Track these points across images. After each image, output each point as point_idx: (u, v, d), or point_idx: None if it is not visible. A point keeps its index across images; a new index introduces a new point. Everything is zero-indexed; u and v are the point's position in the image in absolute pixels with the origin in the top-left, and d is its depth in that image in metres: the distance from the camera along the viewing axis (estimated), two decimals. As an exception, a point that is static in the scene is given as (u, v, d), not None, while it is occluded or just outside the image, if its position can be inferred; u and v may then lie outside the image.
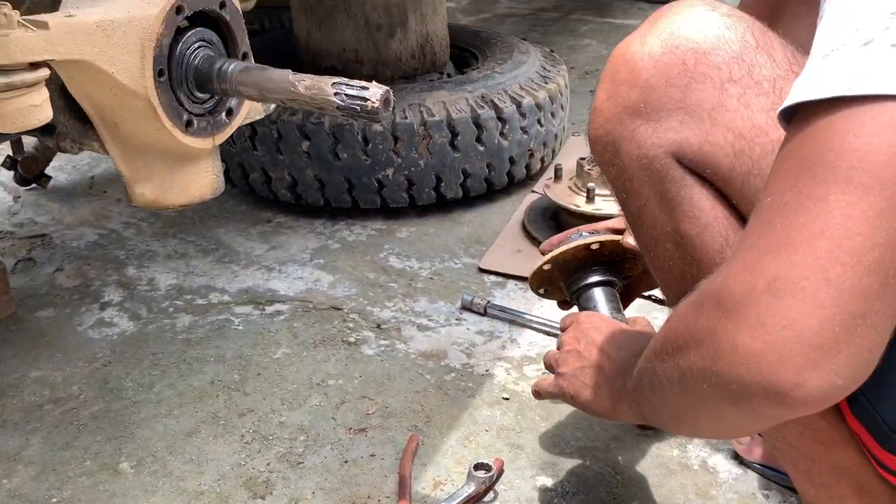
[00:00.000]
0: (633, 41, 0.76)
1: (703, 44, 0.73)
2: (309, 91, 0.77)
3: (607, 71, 0.78)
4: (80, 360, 1.39)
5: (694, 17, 0.74)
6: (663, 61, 0.73)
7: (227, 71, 0.82)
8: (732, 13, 0.75)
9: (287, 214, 1.88)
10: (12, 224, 1.86)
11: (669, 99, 0.73)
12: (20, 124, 0.69)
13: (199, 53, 0.82)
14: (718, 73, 0.72)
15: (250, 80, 0.81)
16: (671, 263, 0.77)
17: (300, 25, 1.99)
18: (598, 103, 0.79)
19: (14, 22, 0.67)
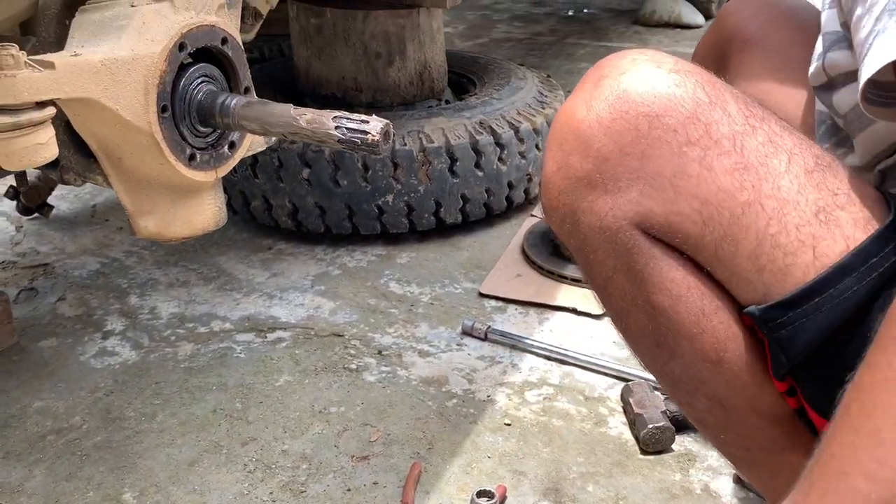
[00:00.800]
0: (577, 106, 0.71)
1: (654, 106, 0.68)
2: (310, 125, 0.79)
3: (553, 138, 0.74)
4: (82, 389, 1.39)
5: (640, 75, 0.70)
6: (614, 128, 0.69)
7: (230, 106, 0.83)
8: (679, 67, 0.71)
9: (288, 241, 1.89)
10: (15, 254, 1.87)
11: (626, 168, 0.69)
12: (27, 162, 0.70)
13: (202, 89, 0.84)
14: (675, 136, 0.68)
15: (252, 115, 0.82)
16: (645, 333, 0.75)
17: (300, 54, 2.01)
18: (548, 174, 0.74)
19: (21, 62, 0.68)
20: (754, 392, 0.73)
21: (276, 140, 1.03)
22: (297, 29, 1.99)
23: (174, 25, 0.80)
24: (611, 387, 1.37)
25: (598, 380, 1.39)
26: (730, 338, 0.71)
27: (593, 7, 4.63)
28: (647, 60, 0.71)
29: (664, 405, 1.25)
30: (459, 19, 4.27)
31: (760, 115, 0.70)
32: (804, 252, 0.67)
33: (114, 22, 0.79)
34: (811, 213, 0.67)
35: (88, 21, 0.80)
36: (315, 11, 1.92)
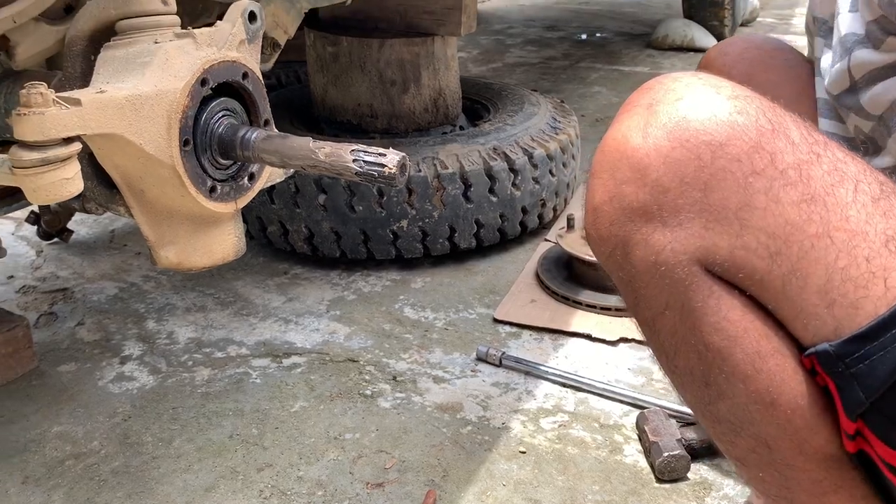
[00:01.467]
0: (631, 132, 0.68)
1: (716, 134, 0.65)
2: (329, 158, 0.80)
3: (604, 166, 0.70)
4: (100, 414, 1.40)
5: (699, 100, 0.67)
6: (674, 157, 0.66)
7: (250, 139, 0.84)
8: (738, 93, 0.68)
9: (304, 266, 1.91)
10: (35, 278, 1.90)
11: (688, 201, 0.65)
12: (54, 197, 0.71)
13: (223, 122, 0.85)
14: (739, 166, 0.65)
15: (272, 148, 0.84)
16: (693, 372, 0.72)
17: (316, 82, 2.04)
18: (597, 203, 0.71)
19: (49, 100, 0.70)
20: (805, 435, 0.70)
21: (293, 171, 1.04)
22: (313, 57, 2.02)
23: (196, 61, 0.82)
24: (626, 414, 1.36)
25: (613, 407, 1.38)
26: (786, 380, 0.69)
27: (606, 31, 4.66)
28: (703, 85, 0.68)
29: (679, 433, 1.25)
30: (473, 44, 4.31)
31: (823, 142, 0.68)
32: (875, 284, 0.64)
33: (138, 58, 0.81)
34: (881, 242, 0.64)
35: (113, 57, 0.82)
36: (331, 40, 1.95)
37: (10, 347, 1.48)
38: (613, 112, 0.79)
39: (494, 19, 5.03)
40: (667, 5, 5.19)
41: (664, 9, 5.14)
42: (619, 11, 5.26)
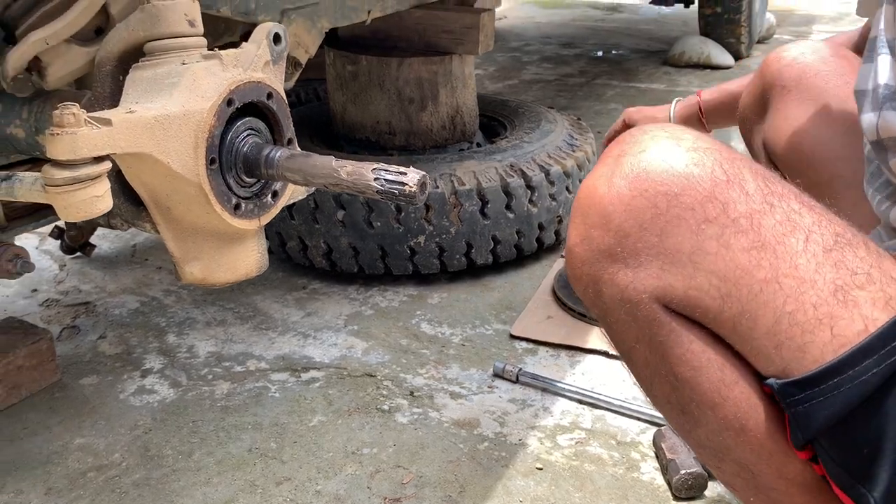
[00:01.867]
0: (599, 181, 0.75)
1: (672, 185, 0.71)
2: (350, 177, 0.81)
3: (577, 210, 0.77)
4: (122, 427, 1.42)
5: (659, 153, 0.73)
6: (634, 205, 0.72)
7: (274, 158, 0.86)
8: (698, 145, 0.73)
9: (322, 281, 1.93)
10: (58, 292, 1.93)
11: (646, 244, 0.71)
12: (84, 214, 0.73)
13: (248, 141, 0.87)
14: (693, 214, 0.70)
15: (295, 167, 0.85)
16: (669, 400, 0.76)
17: (335, 99, 2.07)
18: (571, 244, 0.78)
19: (81, 120, 0.72)
20: (780, 459, 0.73)
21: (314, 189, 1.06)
22: (333, 75, 2.05)
23: (223, 82, 0.84)
24: (643, 431, 1.37)
25: (630, 424, 1.38)
26: (751, 407, 0.72)
27: (622, 48, 4.68)
28: (666, 137, 0.74)
29: (697, 451, 1.25)
30: (490, 61, 4.34)
31: (780, 193, 0.72)
32: (822, 331, 0.67)
33: (166, 79, 0.83)
34: (829, 291, 0.68)
35: (142, 78, 0.85)
36: (351, 59, 1.98)
37: (35, 360, 1.51)
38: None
39: (511, 36, 5.06)
40: (683, 22, 5.20)
41: (680, 26, 5.16)
42: (636, 29, 5.28)
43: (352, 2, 1.60)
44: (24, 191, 0.77)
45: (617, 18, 5.65)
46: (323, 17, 1.53)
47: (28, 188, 0.76)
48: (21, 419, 1.44)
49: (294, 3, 1.45)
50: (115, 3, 0.92)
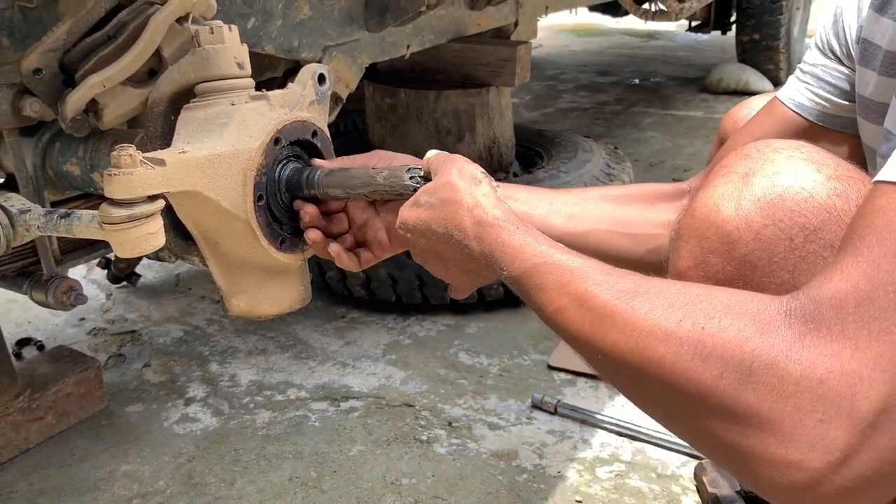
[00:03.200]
0: (723, 202, 0.66)
1: (812, 218, 0.62)
2: (387, 180, 0.84)
3: (692, 231, 0.68)
4: (166, 454, 1.45)
5: (797, 178, 0.64)
6: (765, 234, 0.64)
7: (314, 177, 0.88)
8: (841, 174, 0.65)
9: (361, 310, 1.95)
10: (105, 320, 1.98)
11: (774, 281, 0.63)
12: (139, 250, 0.76)
13: (289, 166, 0.90)
14: (832, 253, 0.61)
15: (335, 181, 0.87)
16: None
17: (374, 131, 2.11)
18: (682, 268, 0.69)
19: (137, 161, 0.75)
20: None
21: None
22: (372, 108, 2.09)
23: (270, 122, 0.87)
24: (683, 464, 1.35)
25: (670, 457, 1.37)
26: None
27: (659, 75, 4.68)
28: (804, 160, 0.66)
29: (738, 484, 1.23)
30: (526, 90, 4.37)
31: None
32: None
33: (216, 119, 0.86)
34: None
35: (193, 118, 0.88)
36: (390, 92, 2.02)
37: (83, 388, 1.55)
38: (667, 157, 0.80)
39: (547, 65, 5.09)
40: (721, 49, 5.19)
41: (718, 52, 5.14)
42: (673, 56, 5.28)
43: (391, 37, 1.63)
44: (82, 228, 0.80)
45: (653, 45, 5.66)
46: (363, 53, 1.57)
47: (86, 225, 0.80)
48: (69, 446, 1.48)
49: (335, 41, 1.49)
50: (167, 46, 0.95)
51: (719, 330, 0.53)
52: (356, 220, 0.93)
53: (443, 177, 0.78)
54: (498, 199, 0.76)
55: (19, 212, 0.86)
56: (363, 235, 0.93)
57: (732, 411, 0.52)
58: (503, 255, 0.71)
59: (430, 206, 0.78)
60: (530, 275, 0.68)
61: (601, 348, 0.60)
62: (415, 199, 0.80)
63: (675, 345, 0.55)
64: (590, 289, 0.62)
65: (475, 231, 0.74)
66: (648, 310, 0.58)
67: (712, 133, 3.32)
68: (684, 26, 4.78)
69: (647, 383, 0.57)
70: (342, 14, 1.48)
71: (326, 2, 1.44)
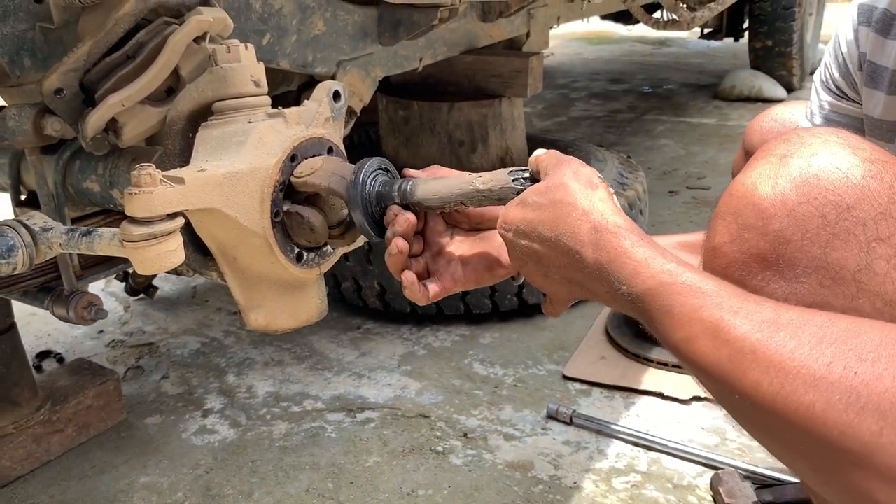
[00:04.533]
0: (760, 180, 0.68)
1: (845, 196, 0.65)
2: (487, 185, 0.79)
3: (729, 208, 0.70)
4: (184, 466, 1.46)
5: (834, 159, 0.66)
6: (799, 211, 0.65)
7: (407, 189, 0.85)
8: (876, 157, 0.67)
9: (375, 321, 1.96)
10: (123, 333, 2.00)
11: (807, 255, 0.65)
12: (159, 267, 0.78)
13: (379, 179, 0.87)
14: (864, 230, 0.64)
15: (430, 191, 0.83)
16: None
17: (388, 143, 2.12)
18: (718, 243, 0.70)
19: (157, 180, 0.77)
20: None
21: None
22: (385, 120, 2.10)
23: (287, 139, 0.88)
24: (700, 475, 1.35)
25: (686, 467, 1.37)
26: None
27: (671, 83, 4.67)
28: (841, 143, 0.68)
29: (755, 495, 1.23)
30: (538, 99, 4.38)
31: None
32: None
33: (234, 137, 0.88)
34: None
35: (210, 136, 0.89)
36: (403, 104, 2.03)
37: (102, 400, 1.56)
38: (681, 165, 0.82)
39: (559, 73, 5.10)
40: (733, 55, 5.18)
41: (730, 59, 5.13)
42: (685, 63, 5.27)
43: (404, 51, 1.65)
44: (102, 245, 0.82)
45: (665, 53, 5.65)
46: (377, 67, 1.59)
47: (107, 243, 0.81)
48: (89, 458, 1.49)
49: (349, 55, 1.50)
50: (185, 65, 0.97)
51: (874, 377, 0.51)
52: (431, 246, 0.87)
53: (555, 178, 0.73)
54: (616, 206, 0.70)
55: (42, 230, 0.88)
56: (435, 264, 0.86)
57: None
58: (623, 268, 0.65)
59: (539, 206, 0.72)
60: (656, 294, 0.63)
61: (739, 388, 0.56)
62: (522, 198, 0.75)
63: (825, 391, 0.51)
64: (726, 318, 0.58)
65: (591, 237, 0.68)
66: (794, 347, 0.54)
67: (726, 140, 3.31)
68: (696, 33, 4.78)
69: (792, 433, 0.54)
70: (356, 29, 1.50)
71: (340, 17, 1.45)
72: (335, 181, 0.86)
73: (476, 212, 0.86)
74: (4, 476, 1.42)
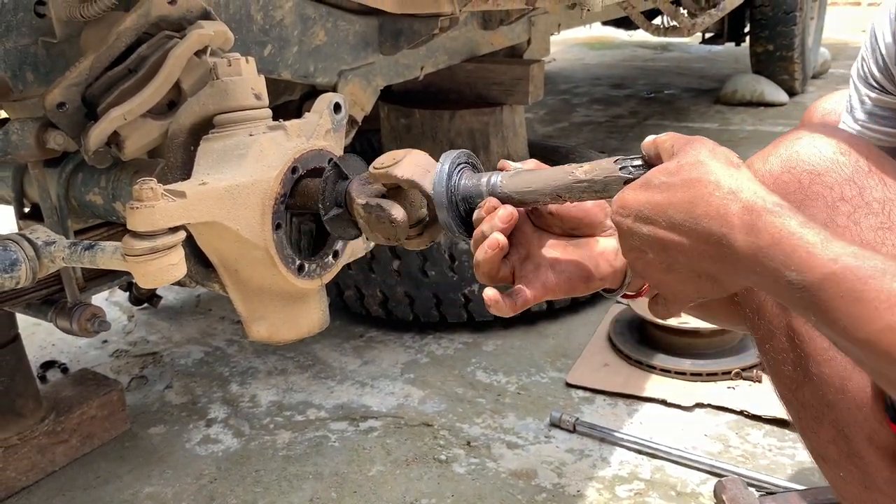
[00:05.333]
0: (756, 159, 0.83)
1: (817, 166, 0.79)
2: (589, 175, 0.72)
3: None
4: (188, 476, 1.47)
5: (812, 142, 0.81)
6: (782, 179, 0.80)
7: (496, 183, 0.77)
8: (851, 141, 0.81)
9: (378, 329, 1.96)
10: (127, 343, 2.00)
11: None
12: (161, 281, 0.78)
13: (465, 174, 0.80)
14: (830, 192, 0.78)
15: (522, 184, 0.76)
16: (786, 355, 0.81)
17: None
18: None
19: (158, 194, 0.77)
20: (873, 426, 0.75)
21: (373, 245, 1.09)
22: (387, 128, 2.11)
23: (287, 151, 0.88)
24: (703, 482, 1.35)
25: (690, 475, 1.37)
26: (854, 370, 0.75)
27: (673, 87, 4.68)
28: (823, 132, 0.83)
29: (759, 503, 1.23)
30: (540, 104, 4.38)
31: None
32: None
33: (235, 150, 0.88)
34: None
35: (212, 149, 0.90)
36: (404, 112, 2.04)
37: (106, 410, 1.57)
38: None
39: (560, 79, 5.10)
40: (735, 60, 5.18)
41: (732, 63, 5.13)
42: (687, 67, 5.27)
43: (405, 59, 1.66)
44: (105, 259, 0.82)
45: (667, 58, 5.66)
46: (378, 76, 1.59)
47: (109, 257, 0.82)
48: (94, 468, 1.50)
49: (350, 65, 1.51)
50: (186, 79, 0.98)
51: None
52: (518, 249, 0.79)
53: (688, 156, 0.66)
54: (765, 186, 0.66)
55: (45, 244, 0.88)
56: (522, 269, 0.78)
57: None
58: (792, 253, 0.59)
59: (669, 187, 0.65)
60: (841, 279, 0.57)
61: None
62: (646, 179, 0.66)
63: None
64: None
65: (745, 219, 0.61)
66: None
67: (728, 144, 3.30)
68: (698, 38, 4.78)
69: None
70: (357, 39, 1.50)
71: (341, 27, 1.46)
72: (418, 173, 0.79)
73: (572, 213, 0.80)
74: (9, 487, 1.42)
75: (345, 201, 0.86)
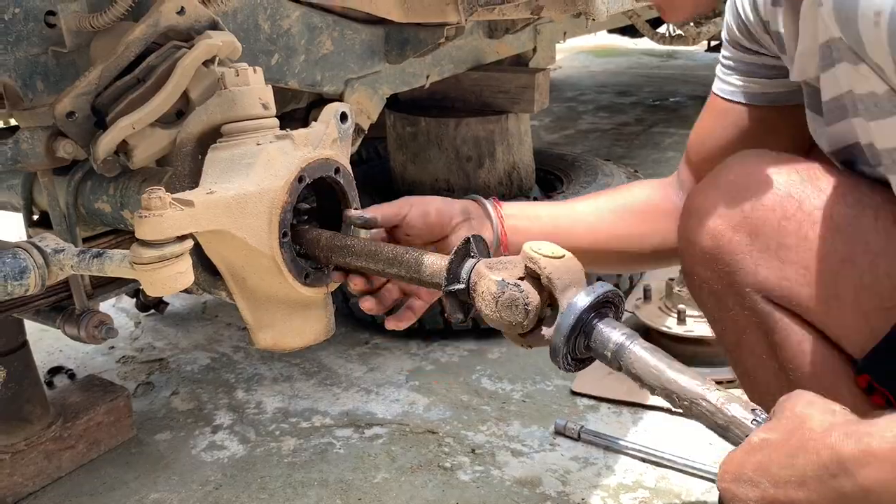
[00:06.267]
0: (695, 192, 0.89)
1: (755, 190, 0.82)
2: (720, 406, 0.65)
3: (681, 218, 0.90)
4: (194, 482, 1.47)
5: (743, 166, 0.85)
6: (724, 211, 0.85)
7: (624, 353, 0.72)
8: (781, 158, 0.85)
9: (384, 336, 1.97)
10: (133, 349, 2.01)
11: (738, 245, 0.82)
12: (168, 289, 0.79)
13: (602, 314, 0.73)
14: (773, 214, 0.81)
15: (645, 371, 0.71)
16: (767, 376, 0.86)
17: (396, 159, 2.13)
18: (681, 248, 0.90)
19: (166, 203, 0.78)
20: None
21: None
22: (393, 136, 2.12)
23: (294, 160, 0.89)
24: (708, 491, 1.35)
25: (694, 483, 1.37)
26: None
27: (679, 95, 4.68)
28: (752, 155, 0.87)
29: (765, 512, 1.22)
30: (545, 112, 4.39)
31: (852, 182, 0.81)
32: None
33: (242, 159, 0.89)
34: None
35: (220, 158, 0.91)
36: (410, 120, 2.05)
37: (113, 417, 1.57)
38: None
39: (566, 86, 5.11)
40: (740, 67, 5.17)
41: (737, 71, 5.12)
42: (693, 74, 5.28)
43: (411, 68, 1.66)
44: (113, 267, 0.83)
45: (673, 65, 5.66)
46: (384, 85, 1.60)
47: (117, 265, 0.82)
48: (100, 474, 1.50)
49: (357, 73, 1.52)
50: (194, 88, 0.99)
51: None
52: None
53: (786, 411, 0.64)
54: None
55: (53, 251, 0.89)
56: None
57: None
58: None
59: (767, 444, 0.62)
60: None
61: None
62: (748, 439, 0.64)
63: None
64: None
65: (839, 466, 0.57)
66: None
67: (733, 152, 3.30)
68: (703, 45, 4.78)
69: None
70: (363, 47, 1.51)
71: (348, 36, 1.47)
72: (560, 285, 0.73)
73: (418, 226, 0.99)
74: (16, 492, 1.43)
75: (468, 278, 0.79)
